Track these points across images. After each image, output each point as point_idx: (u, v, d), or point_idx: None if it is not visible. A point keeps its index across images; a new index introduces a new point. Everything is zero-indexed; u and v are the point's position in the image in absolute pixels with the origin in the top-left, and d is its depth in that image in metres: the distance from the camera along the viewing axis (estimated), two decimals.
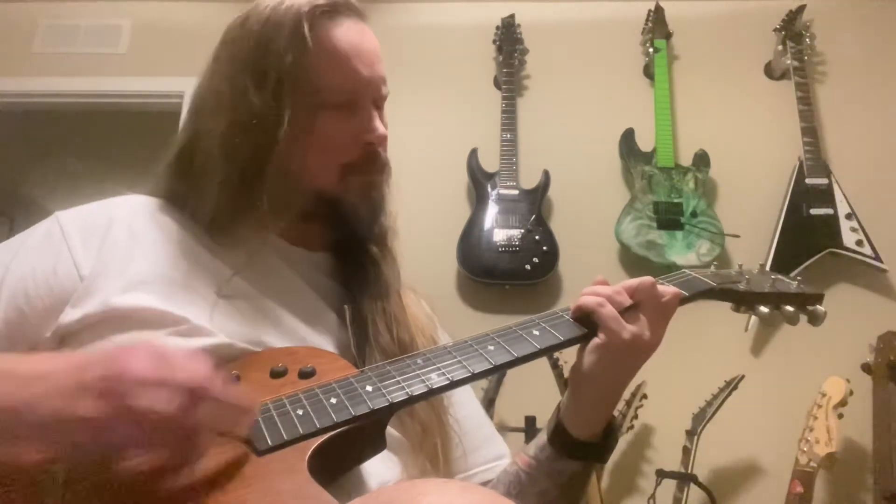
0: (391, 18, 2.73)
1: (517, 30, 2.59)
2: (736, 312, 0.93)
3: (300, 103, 0.81)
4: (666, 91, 2.46)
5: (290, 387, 0.70)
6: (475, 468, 0.90)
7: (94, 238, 0.80)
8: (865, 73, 2.50)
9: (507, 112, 2.47)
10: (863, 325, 2.03)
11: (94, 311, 0.74)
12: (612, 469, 2.09)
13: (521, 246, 2.25)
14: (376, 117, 0.86)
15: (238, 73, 0.82)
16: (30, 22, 2.80)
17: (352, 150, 0.85)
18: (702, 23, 2.63)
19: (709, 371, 2.03)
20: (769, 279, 0.93)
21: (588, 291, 0.78)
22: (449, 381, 0.70)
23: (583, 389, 0.78)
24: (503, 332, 0.76)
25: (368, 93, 0.85)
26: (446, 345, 0.76)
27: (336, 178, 0.85)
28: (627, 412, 1.97)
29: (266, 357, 0.75)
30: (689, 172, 2.35)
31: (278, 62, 0.81)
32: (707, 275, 0.89)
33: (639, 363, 0.78)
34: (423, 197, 2.43)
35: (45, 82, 2.73)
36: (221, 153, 0.82)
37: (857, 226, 2.21)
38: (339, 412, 0.66)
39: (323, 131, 0.83)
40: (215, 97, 0.84)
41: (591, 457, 0.81)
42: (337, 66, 0.83)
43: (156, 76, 2.66)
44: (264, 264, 0.86)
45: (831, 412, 1.75)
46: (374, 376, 0.71)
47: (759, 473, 2.07)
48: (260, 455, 0.62)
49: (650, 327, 0.76)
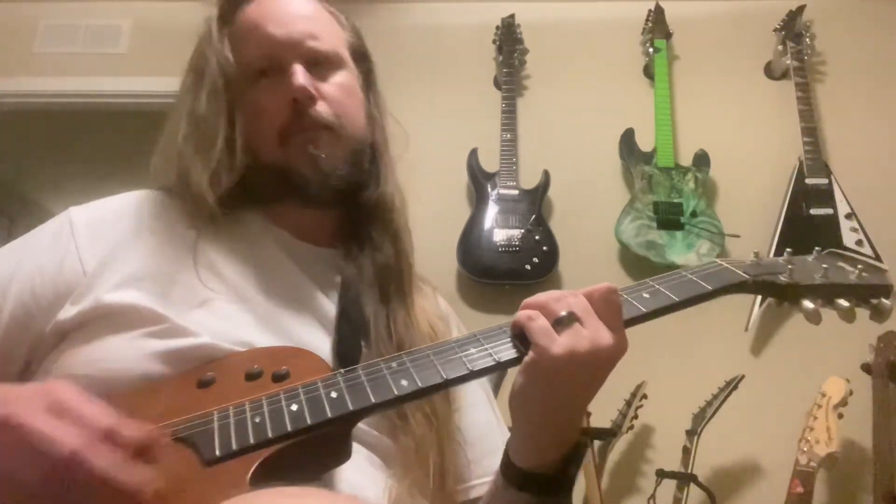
0: (391, 18, 2.73)
1: (517, 30, 2.59)
2: (779, 307, 0.79)
3: (238, 89, 0.85)
4: (666, 91, 2.45)
5: (261, 390, 0.66)
6: (472, 480, 0.84)
7: (101, 234, 0.80)
8: (865, 73, 2.50)
9: (507, 112, 2.47)
10: (863, 326, 2.01)
11: (87, 308, 0.74)
12: (612, 469, 2.09)
13: (521, 246, 2.25)
14: (296, 72, 0.83)
15: (189, 79, 0.89)
16: (30, 22, 2.80)
17: (282, 113, 0.84)
18: (702, 23, 2.63)
19: (709, 371, 2.03)
20: (820, 267, 0.79)
21: (524, 303, 0.69)
22: (418, 387, 0.65)
23: (518, 414, 0.69)
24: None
25: (287, 52, 0.85)
26: (422, 348, 0.70)
27: (277, 146, 0.85)
28: (627, 412, 1.97)
29: (247, 358, 0.72)
30: (689, 172, 2.35)
31: (208, 64, 0.86)
32: (742, 266, 0.78)
33: (586, 380, 0.67)
34: (423, 197, 2.41)
35: (45, 82, 2.73)
36: (194, 150, 0.84)
37: (857, 226, 2.21)
38: (295, 420, 0.61)
39: (255, 104, 0.85)
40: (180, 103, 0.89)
41: (541, 491, 0.70)
42: (251, 38, 0.86)
43: (156, 76, 2.65)
44: (265, 258, 0.85)
45: (831, 412, 1.75)
46: (342, 381, 0.65)
47: (759, 473, 2.07)
48: (206, 466, 0.59)
49: (598, 335, 0.65)
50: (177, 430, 0.62)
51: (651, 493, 1.89)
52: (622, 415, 1.97)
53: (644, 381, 2.01)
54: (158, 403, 0.67)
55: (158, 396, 0.68)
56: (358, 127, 0.90)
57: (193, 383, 0.69)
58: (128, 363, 0.70)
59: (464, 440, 0.85)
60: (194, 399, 0.67)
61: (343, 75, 0.90)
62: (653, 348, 2.20)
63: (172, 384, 0.70)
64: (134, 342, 0.71)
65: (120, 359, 0.70)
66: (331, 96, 0.86)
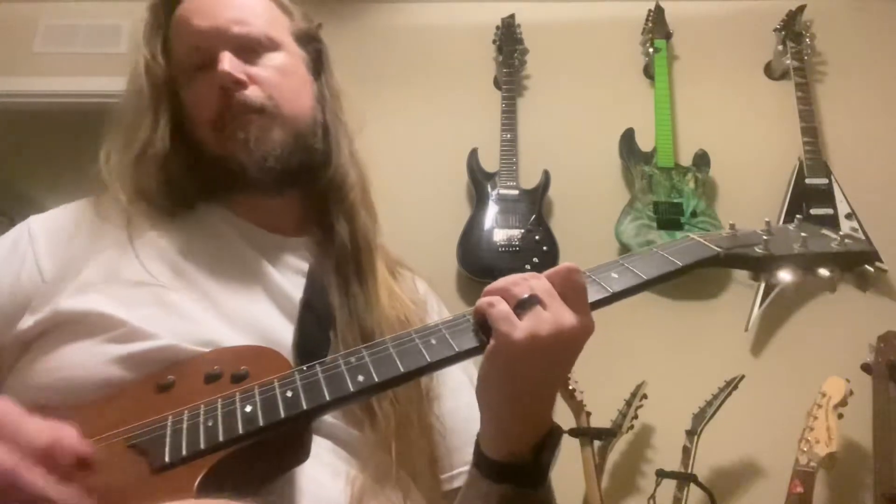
0: (391, 19, 2.73)
1: (517, 30, 2.59)
2: (755, 281, 0.77)
3: (175, 88, 0.86)
4: (666, 91, 2.45)
5: (220, 391, 0.65)
6: (456, 469, 0.83)
7: (60, 242, 0.80)
8: (865, 73, 2.50)
9: (507, 112, 2.47)
10: (863, 325, 2.03)
11: (46, 316, 0.72)
12: (612, 469, 2.09)
13: (521, 246, 2.25)
14: (221, 59, 0.82)
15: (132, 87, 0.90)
16: (30, 22, 2.80)
17: (213, 103, 0.84)
18: (702, 23, 2.63)
19: (709, 371, 2.03)
20: (799, 236, 0.76)
21: (485, 290, 0.67)
22: (374, 382, 0.63)
23: (485, 404, 0.67)
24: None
25: (215, 41, 0.84)
26: (384, 340, 0.68)
27: (213, 136, 0.84)
28: (627, 412, 1.97)
29: (209, 359, 0.70)
30: (689, 172, 2.35)
31: (135, 67, 0.89)
32: (716, 239, 0.76)
33: (551, 365, 0.65)
34: (423, 197, 2.43)
35: (45, 82, 2.73)
36: (122, 152, 0.85)
37: (857, 226, 2.20)
38: (248, 422, 0.60)
39: (192, 98, 0.86)
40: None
41: (514, 481, 0.67)
42: (181, 34, 0.87)
43: None
44: (227, 251, 0.84)
45: (831, 412, 1.75)
46: (299, 379, 0.64)
47: (759, 473, 2.07)
48: (154, 473, 0.57)
49: (561, 317, 0.63)
50: (130, 436, 0.61)
51: (651, 493, 1.89)
52: (622, 415, 1.97)
53: (644, 381, 2.01)
54: (116, 410, 0.65)
55: (117, 403, 0.67)
56: (300, 107, 0.88)
57: (153, 388, 0.68)
58: (87, 370, 0.69)
59: (444, 428, 0.83)
60: (153, 404, 0.65)
61: (280, 57, 0.88)
62: (653, 348, 2.20)
63: (131, 390, 0.68)
64: (93, 348, 0.70)
65: (79, 366, 0.69)
66: (263, 79, 0.85)
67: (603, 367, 2.07)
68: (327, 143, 0.90)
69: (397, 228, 1.13)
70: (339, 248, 0.86)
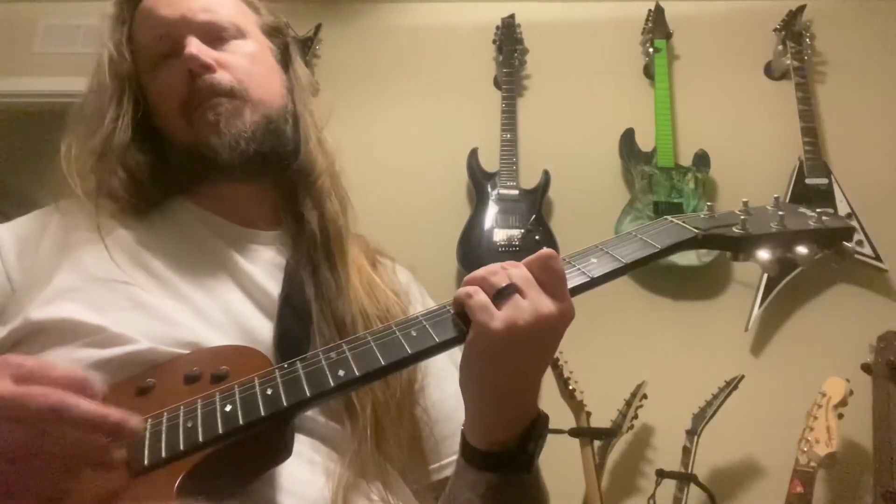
0: (391, 18, 2.73)
1: (517, 30, 2.59)
2: (735, 262, 0.77)
3: (141, 79, 0.86)
4: (666, 91, 2.45)
5: (200, 392, 0.64)
6: (444, 459, 0.83)
7: (28, 250, 0.79)
8: (865, 73, 2.50)
9: (507, 112, 2.47)
10: (863, 325, 2.03)
11: (17, 326, 0.72)
12: (612, 469, 2.09)
13: (521, 246, 2.25)
14: (188, 43, 0.82)
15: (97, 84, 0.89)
16: (30, 22, 2.80)
17: (181, 88, 0.83)
18: (702, 23, 2.63)
19: (709, 371, 2.03)
20: (776, 215, 0.77)
21: (465, 280, 0.67)
22: (354, 376, 0.62)
23: (467, 393, 0.68)
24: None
25: (181, 29, 0.84)
26: (368, 332, 0.68)
27: (182, 123, 0.84)
28: (627, 412, 1.97)
29: (188, 361, 0.69)
30: (689, 172, 2.35)
31: (98, 62, 0.88)
32: (693, 221, 0.77)
33: (531, 352, 0.65)
34: (423, 197, 2.43)
35: (45, 82, 2.72)
36: (84, 150, 0.84)
37: (857, 226, 2.21)
38: (227, 422, 0.59)
39: (158, 86, 0.85)
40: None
41: (501, 469, 0.67)
42: (146, 25, 0.86)
43: None
44: (200, 248, 0.83)
45: (831, 412, 1.75)
46: (279, 376, 0.63)
47: (759, 473, 2.07)
48: (134, 476, 0.56)
49: (539, 305, 0.63)
50: None
51: (651, 493, 1.89)
52: (622, 415, 1.97)
53: (644, 381, 2.01)
54: None
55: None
56: (269, 92, 0.87)
57: (132, 391, 0.67)
58: None
59: (430, 419, 0.83)
60: (132, 408, 0.63)
61: (248, 45, 0.88)
62: (653, 348, 2.20)
63: (111, 394, 0.66)
64: (71, 354, 0.69)
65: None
66: (232, 63, 0.84)
67: (603, 367, 2.08)
68: (296, 131, 0.89)
69: (397, 228, 1.14)
70: (308, 235, 0.85)
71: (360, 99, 2.54)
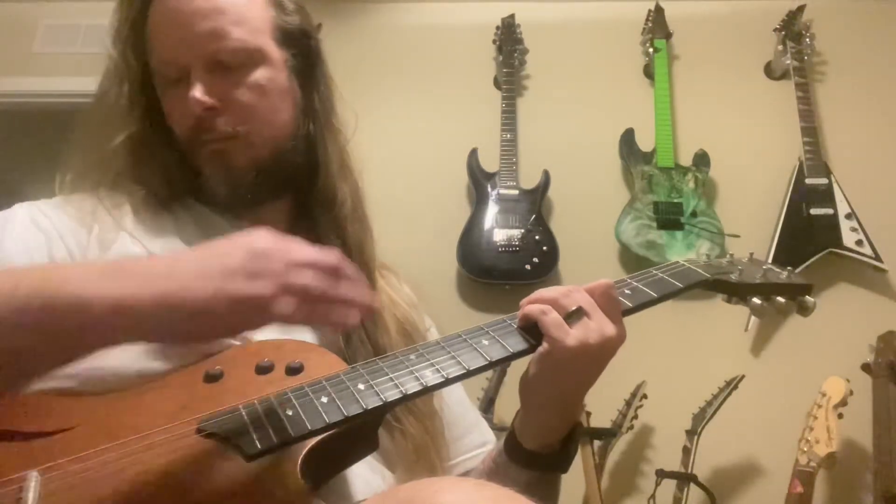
0: (391, 18, 2.73)
1: (517, 30, 2.59)
2: (727, 303, 0.90)
3: (150, 89, 0.87)
4: (666, 91, 2.45)
5: (277, 384, 0.67)
6: (460, 456, 0.90)
7: (77, 228, 0.80)
8: (865, 73, 2.50)
9: (507, 112, 2.47)
10: (863, 325, 2.03)
11: None
12: (612, 469, 2.09)
13: (521, 246, 2.25)
14: (193, 86, 0.81)
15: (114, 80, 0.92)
16: (30, 22, 2.80)
17: (187, 120, 0.83)
18: (702, 23, 2.63)
19: (709, 371, 2.03)
20: (760, 269, 0.91)
21: (532, 298, 0.74)
22: (444, 377, 0.67)
23: (530, 400, 0.75)
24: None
25: (188, 57, 0.82)
26: (438, 339, 0.73)
27: (189, 149, 0.85)
28: (627, 412, 1.97)
29: (252, 351, 0.71)
30: (689, 172, 2.35)
31: (107, 70, 0.91)
32: (701, 265, 0.89)
33: (593, 368, 0.74)
34: (423, 197, 2.43)
35: (45, 82, 2.73)
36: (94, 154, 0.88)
37: (857, 226, 2.21)
38: (330, 413, 0.62)
39: (167, 108, 0.86)
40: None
41: (544, 468, 0.77)
42: (156, 42, 0.85)
43: None
44: None
45: (831, 412, 1.75)
46: (365, 373, 0.67)
47: (759, 473, 2.07)
48: (248, 460, 0.59)
49: (604, 327, 0.72)
50: (204, 425, 0.62)
51: (651, 493, 1.89)
52: (622, 415, 1.97)
53: (644, 381, 2.01)
54: (169, 400, 0.66)
55: (166, 392, 0.67)
56: (276, 127, 0.86)
57: (200, 378, 0.68)
58: (122, 361, 0.68)
59: (446, 419, 0.89)
60: (206, 394, 0.66)
61: (258, 73, 0.84)
62: (653, 348, 2.20)
63: (178, 379, 0.69)
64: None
65: (113, 356, 0.68)
66: (237, 103, 0.83)
67: None
68: (312, 154, 0.89)
69: (397, 228, 1.13)
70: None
71: (359, 98, 2.53)
